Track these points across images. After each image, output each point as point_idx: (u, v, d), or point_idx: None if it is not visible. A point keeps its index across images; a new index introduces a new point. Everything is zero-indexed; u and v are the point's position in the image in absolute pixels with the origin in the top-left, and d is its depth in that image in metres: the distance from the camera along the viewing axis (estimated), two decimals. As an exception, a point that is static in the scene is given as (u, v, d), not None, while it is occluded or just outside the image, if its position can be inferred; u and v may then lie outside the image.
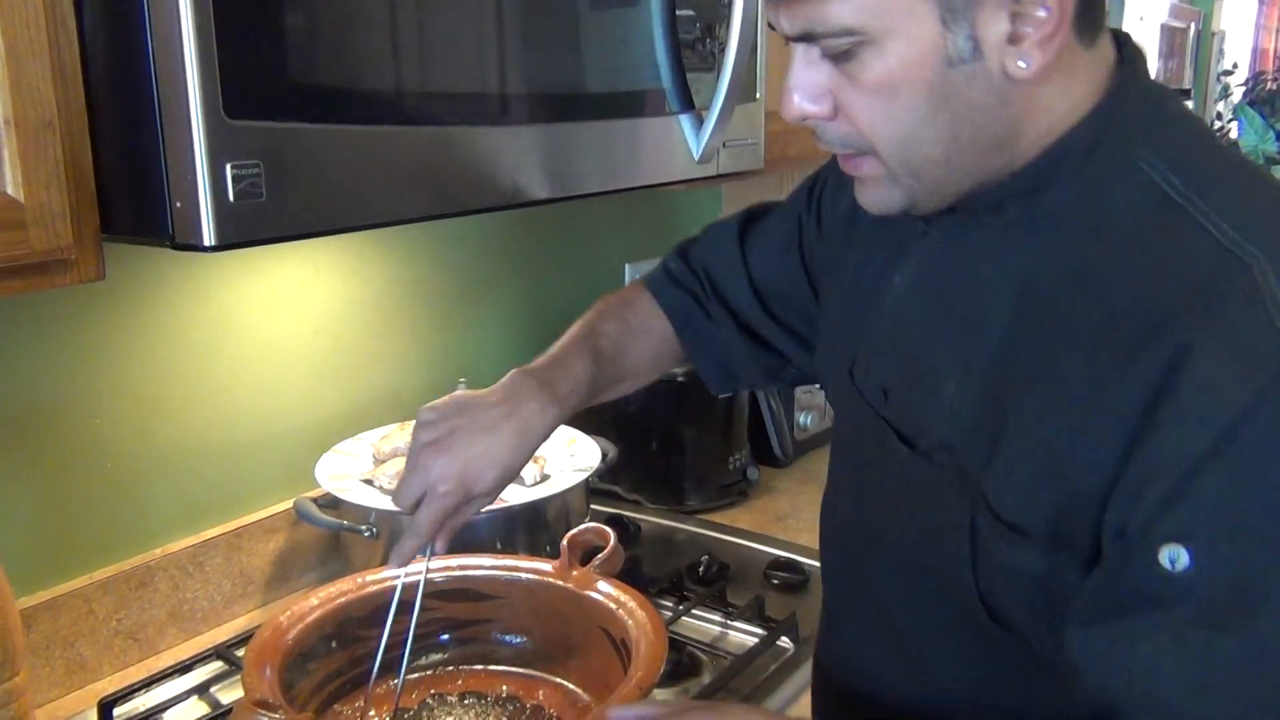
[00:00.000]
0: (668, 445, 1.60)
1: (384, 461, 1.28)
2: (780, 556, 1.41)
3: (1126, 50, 0.75)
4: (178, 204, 0.75)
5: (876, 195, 0.77)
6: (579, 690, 1.04)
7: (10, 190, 0.73)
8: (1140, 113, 0.73)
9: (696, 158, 1.22)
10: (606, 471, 1.36)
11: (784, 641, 1.22)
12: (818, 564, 1.39)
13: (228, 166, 0.75)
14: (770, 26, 0.76)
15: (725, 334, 1.07)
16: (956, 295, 0.78)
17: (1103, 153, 0.71)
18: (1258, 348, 0.62)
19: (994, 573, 0.74)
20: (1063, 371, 0.69)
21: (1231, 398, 0.61)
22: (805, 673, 1.18)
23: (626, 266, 1.87)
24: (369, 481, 1.25)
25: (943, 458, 0.77)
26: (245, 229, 0.77)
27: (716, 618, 1.28)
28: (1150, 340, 0.64)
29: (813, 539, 1.46)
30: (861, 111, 0.71)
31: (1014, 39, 0.67)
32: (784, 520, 1.59)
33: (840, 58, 0.70)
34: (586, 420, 1.49)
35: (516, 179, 1.00)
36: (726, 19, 1.18)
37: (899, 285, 0.84)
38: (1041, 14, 0.67)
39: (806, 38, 0.71)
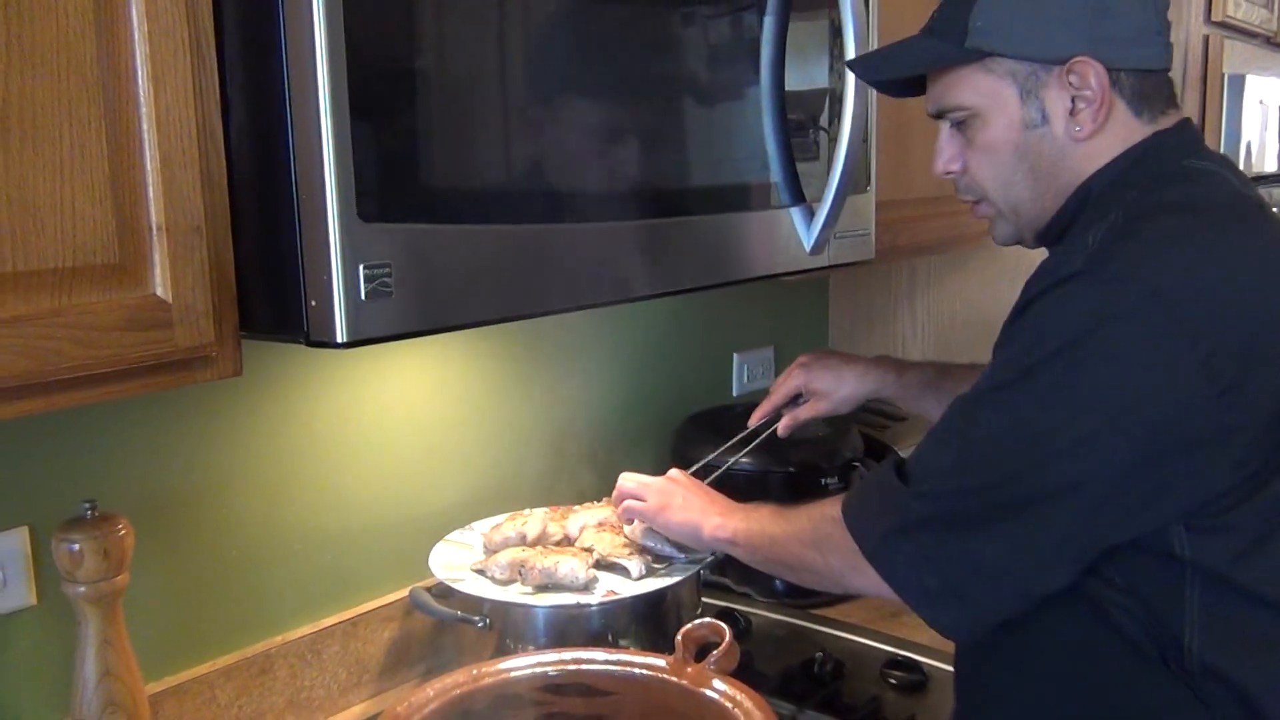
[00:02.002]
0: (778, 537, 1.57)
1: (495, 552, 1.29)
2: (898, 655, 1.37)
3: (1179, 125, 0.99)
4: (313, 303, 0.79)
5: (995, 230, 1.08)
6: (693, 792, 1.01)
7: (159, 292, 0.77)
8: (1154, 162, 0.96)
9: (808, 250, 1.22)
10: (716, 564, 1.34)
11: (904, 745, 1.18)
12: (937, 664, 1.35)
13: (360, 267, 0.78)
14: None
15: None
16: None
17: (1109, 194, 0.95)
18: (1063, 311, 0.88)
19: None
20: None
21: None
22: (927, 779, 1.13)
23: (735, 357, 1.87)
24: (481, 571, 1.26)
25: None
26: (375, 326, 0.80)
27: None
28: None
29: (928, 637, 1.42)
30: (975, 166, 1.02)
31: (1073, 111, 0.96)
32: (897, 616, 1.54)
33: (962, 126, 1.02)
34: (696, 511, 1.48)
35: (634, 274, 1.02)
36: (839, 113, 1.19)
37: None
38: (1088, 93, 0.95)
39: (939, 114, 1.03)
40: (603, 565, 1.25)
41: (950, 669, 1.32)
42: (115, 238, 0.74)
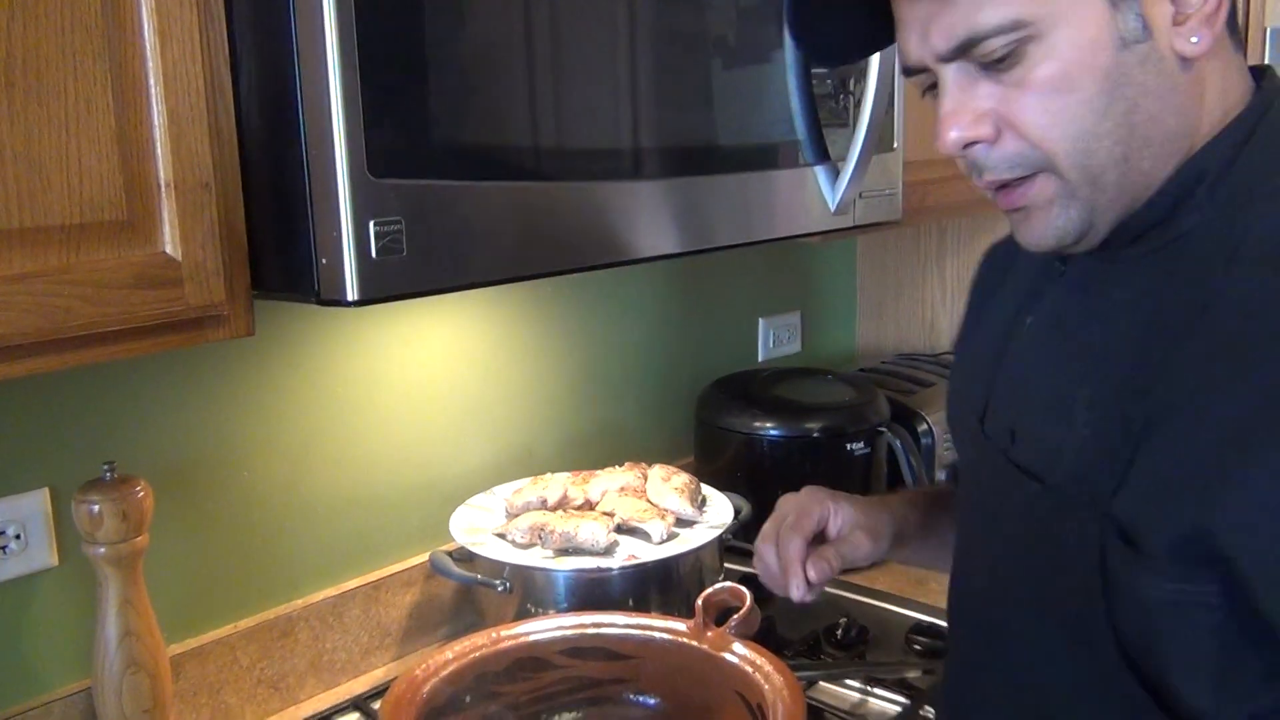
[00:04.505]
0: (803, 503, 1.55)
1: (516, 515, 1.28)
2: (923, 621, 1.36)
3: (1267, 79, 0.74)
4: (323, 260, 0.77)
5: (1049, 221, 0.72)
6: (713, 755, 1.01)
7: (169, 249, 0.76)
8: None
9: (833, 209, 1.20)
10: (740, 529, 1.33)
11: (928, 711, 1.16)
12: (962, 629, 1.34)
13: (371, 223, 0.77)
14: (908, 72, 0.75)
15: None
16: (1087, 325, 0.76)
17: (1238, 177, 0.69)
18: None
19: (1127, 606, 0.70)
20: (1184, 395, 0.66)
21: None
22: (951, 745, 1.12)
23: (760, 321, 1.85)
24: (502, 535, 1.26)
25: (1072, 488, 0.73)
26: (386, 284, 0.79)
27: (856, 684, 1.23)
28: (1252, 368, 0.62)
29: (956, 603, 1.40)
30: (1033, 117, 0.69)
31: (1177, 20, 0.67)
32: (924, 583, 1.53)
33: (1002, 64, 0.68)
34: (719, 477, 1.47)
35: (653, 233, 1.00)
36: (864, 69, 1.16)
37: (1030, 326, 0.83)
38: None
39: (964, 48, 0.68)
40: (624, 529, 1.25)
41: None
42: (123, 194, 0.73)
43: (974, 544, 0.90)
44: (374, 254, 0.77)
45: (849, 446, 1.54)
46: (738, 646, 1.00)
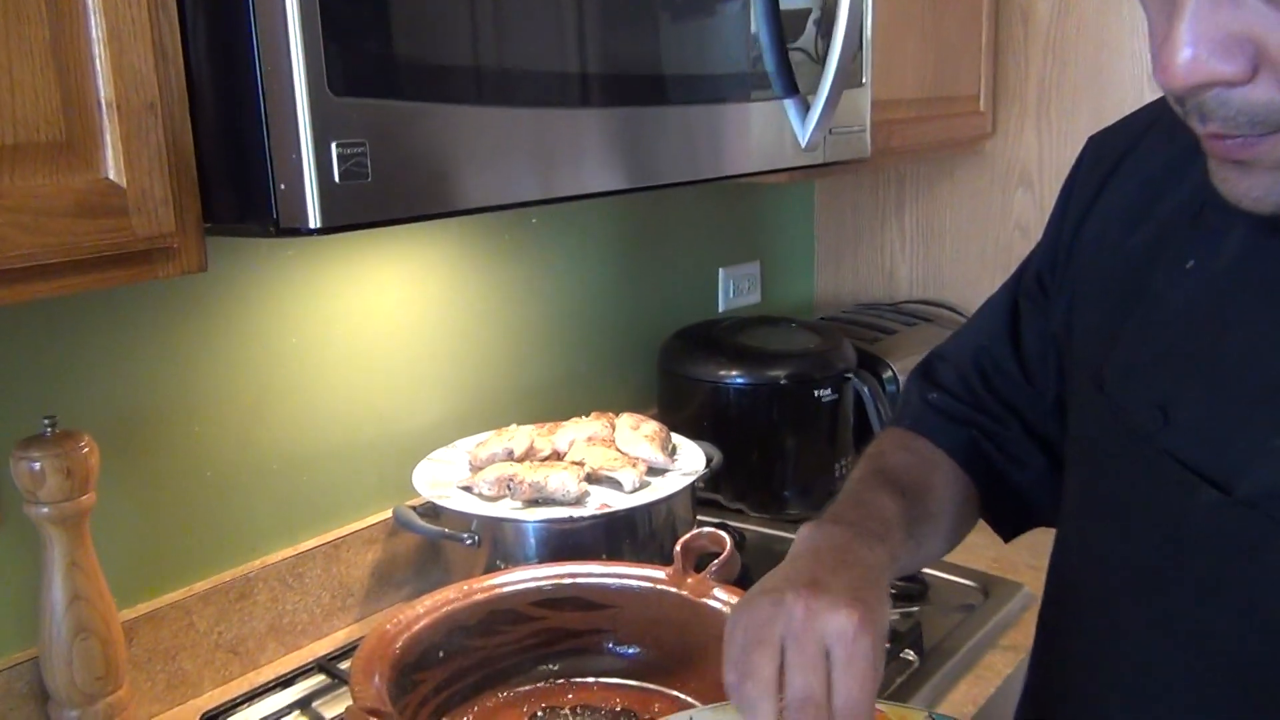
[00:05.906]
0: (770, 452, 1.53)
1: (481, 469, 1.24)
2: (896, 566, 1.34)
3: None
4: (282, 186, 0.72)
5: (1274, 188, 0.54)
6: (696, 703, 0.98)
7: (112, 175, 0.70)
8: None
9: (803, 144, 1.16)
10: (709, 480, 1.30)
11: (908, 654, 1.15)
12: (936, 573, 1.32)
13: (333, 145, 0.72)
14: None
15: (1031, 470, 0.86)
16: None
17: None
18: None
19: None
20: None
21: None
22: (929, 688, 1.10)
23: (720, 271, 1.82)
24: (467, 488, 1.21)
25: (1275, 509, 0.58)
26: (351, 211, 0.74)
27: (832, 630, 1.21)
28: None
29: (928, 548, 1.39)
30: None
31: None
32: (894, 530, 1.51)
33: None
34: (685, 427, 1.43)
35: (627, 163, 0.95)
36: (834, 4, 1.13)
37: (1194, 271, 0.65)
38: None
39: None
40: (594, 479, 1.21)
41: (951, 578, 1.30)
42: (60, 113, 0.67)
43: (1099, 544, 0.73)
44: (337, 178, 0.72)
45: (817, 393, 1.51)
46: (719, 592, 0.98)
